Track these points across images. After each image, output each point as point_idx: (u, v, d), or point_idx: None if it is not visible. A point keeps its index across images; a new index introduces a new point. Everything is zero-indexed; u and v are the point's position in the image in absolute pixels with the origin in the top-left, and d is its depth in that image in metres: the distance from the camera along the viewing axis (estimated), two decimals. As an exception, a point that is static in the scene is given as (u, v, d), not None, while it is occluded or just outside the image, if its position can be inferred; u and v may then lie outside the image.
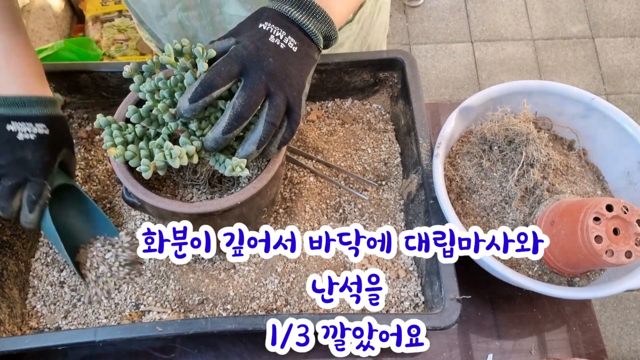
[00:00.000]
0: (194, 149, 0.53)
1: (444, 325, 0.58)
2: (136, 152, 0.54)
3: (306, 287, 0.60)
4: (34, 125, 0.61)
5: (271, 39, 0.52)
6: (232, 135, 0.51)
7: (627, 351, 1.60)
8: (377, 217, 0.74)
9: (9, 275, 0.67)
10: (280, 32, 0.52)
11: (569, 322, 0.71)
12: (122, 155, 0.53)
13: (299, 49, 0.53)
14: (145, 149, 0.54)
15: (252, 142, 0.52)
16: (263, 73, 0.51)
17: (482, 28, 2.23)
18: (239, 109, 0.50)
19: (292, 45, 0.53)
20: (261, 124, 0.51)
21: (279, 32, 0.52)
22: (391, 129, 0.83)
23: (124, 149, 0.54)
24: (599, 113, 0.72)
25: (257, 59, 0.51)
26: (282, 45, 0.52)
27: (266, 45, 0.52)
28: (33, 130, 0.60)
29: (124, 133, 0.55)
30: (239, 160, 0.54)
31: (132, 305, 0.66)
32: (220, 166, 0.56)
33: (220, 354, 0.67)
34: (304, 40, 0.54)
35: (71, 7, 1.98)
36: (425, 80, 2.08)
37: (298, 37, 0.53)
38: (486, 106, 0.71)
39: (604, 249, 0.56)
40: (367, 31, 0.88)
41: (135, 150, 0.54)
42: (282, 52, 0.52)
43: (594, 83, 2.10)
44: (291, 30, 0.53)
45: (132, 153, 0.54)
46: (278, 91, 0.51)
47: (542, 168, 0.68)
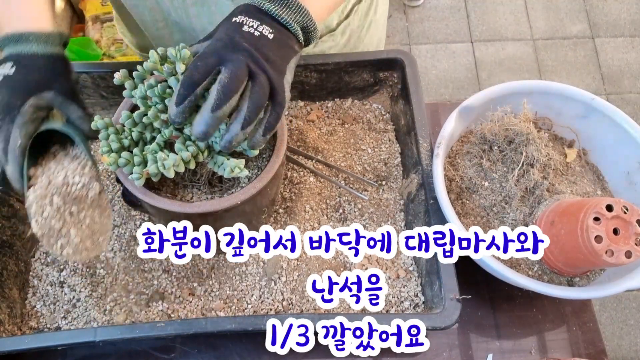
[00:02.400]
0: (190, 155, 0.53)
1: (444, 325, 0.58)
2: (129, 159, 0.54)
3: (306, 287, 0.60)
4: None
5: (245, 29, 0.52)
6: (221, 112, 0.48)
7: (627, 351, 1.60)
8: (377, 217, 0.74)
9: (9, 275, 0.67)
10: (254, 22, 0.52)
11: (569, 322, 0.71)
12: (115, 163, 0.53)
13: (275, 37, 0.52)
14: (138, 156, 0.54)
15: (237, 122, 0.50)
16: (241, 54, 0.50)
17: (482, 28, 2.23)
18: (226, 81, 0.48)
19: (267, 32, 0.52)
20: (245, 103, 0.49)
21: (252, 22, 0.52)
22: (391, 129, 0.83)
23: (116, 157, 0.54)
24: (599, 113, 0.72)
25: (232, 47, 0.50)
26: (257, 33, 0.52)
27: (240, 34, 0.51)
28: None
29: (121, 137, 0.55)
30: (238, 161, 0.54)
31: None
32: (219, 168, 0.56)
33: (220, 354, 0.67)
34: (279, 30, 0.53)
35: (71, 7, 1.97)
36: (425, 80, 2.08)
37: (272, 26, 0.53)
38: (486, 106, 0.71)
39: (604, 249, 0.56)
40: (354, 45, 0.87)
41: (129, 157, 0.54)
42: (256, 38, 0.51)
43: (594, 83, 2.10)
44: (264, 20, 0.53)
45: (125, 160, 0.54)
46: (260, 71, 0.50)
47: (542, 168, 0.68)
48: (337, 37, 0.83)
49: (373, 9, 0.87)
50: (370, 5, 0.85)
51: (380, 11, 0.90)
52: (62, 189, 0.55)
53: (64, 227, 0.55)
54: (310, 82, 0.80)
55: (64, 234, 0.55)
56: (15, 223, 0.69)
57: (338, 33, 0.83)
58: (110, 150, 0.54)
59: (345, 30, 0.84)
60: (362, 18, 0.85)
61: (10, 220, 0.68)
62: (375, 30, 0.91)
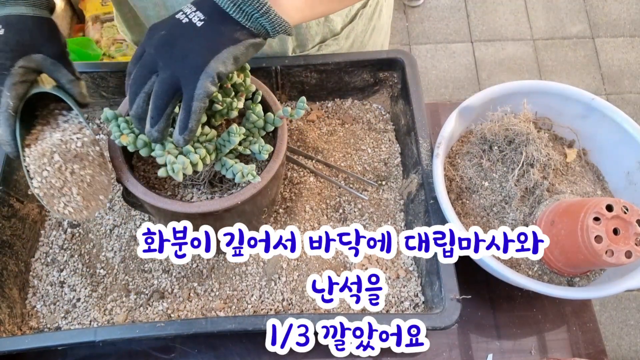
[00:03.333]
0: (198, 158, 0.54)
1: (444, 325, 0.58)
2: (147, 141, 0.55)
3: (306, 287, 0.60)
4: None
5: (177, 15, 0.49)
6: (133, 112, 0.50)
7: (627, 351, 1.60)
8: (377, 217, 0.74)
9: (9, 275, 0.67)
10: (190, 9, 0.49)
11: (569, 322, 0.71)
12: (134, 143, 0.54)
13: (205, 24, 0.48)
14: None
15: (147, 121, 0.50)
16: (152, 47, 0.49)
17: (482, 28, 2.23)
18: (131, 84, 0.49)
19: (197, 20, 0.49)
20: (151, 101, 0.49)
21: (188, 9, 0.49)
22: (391, 129, 0.83)
23: (135, 137, 0.54)
24: (599, 113, 0.72)
25: (151, 34, 0.49)
26: (186, 20, 0.49)
27: (166, 21, 0.50)
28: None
29: (132, 127, 0.56)
30: (250, 167, 0.55)
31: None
32: (227, 171, 0.56)
33: (220, 354, 0.67)
34: (215, 16, 0.49)
35: (71, 7, 1.97)
36: (425, 80, 2.08)
37: (207, 11, 0.49)
38: (486, 106, 0.71)
39: (604, 249, 0.56)
40: (358, 49, 0.87)
41: (147, 139, 0.55)
42: (179, 26, 0.49)
43: (594, 83, 2.10)
44: (202, 6, 0.49)
45: (144, 142, 0.55)
46: (165, 67, 0.48)
47: (542, 168, 0.68)
48: (341, 42, 0.83)
49: (377, 14, 0.87)
50: (374, 10, 0.85)
51: (384, 17, 0.90)
52: (62, 147, 0.55)
53: (65, 186, 0.55)
54: (310, 82, 0.80)
55: (65, 193, 0.55)
56: (15, 223, 0.69)
57: (342, 37, 0.82)
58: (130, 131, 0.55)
59: (349, 35, 0.83)
60: (366, 23, 0.85)
61: (10, 220, 0.68)
62: (378, 36, 0.90)
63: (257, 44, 0.51)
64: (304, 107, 0.58)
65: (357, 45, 0.86)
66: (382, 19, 0.89)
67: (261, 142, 0.59)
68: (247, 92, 0.59)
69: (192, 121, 0.49)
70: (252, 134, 0.60)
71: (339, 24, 0.80)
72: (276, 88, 0.80)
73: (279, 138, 0.61)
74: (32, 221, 0.72)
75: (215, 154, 0.57)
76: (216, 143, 0.57)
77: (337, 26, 0.80)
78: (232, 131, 0.56)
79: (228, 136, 0.56)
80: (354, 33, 0.84)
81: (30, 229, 0.71)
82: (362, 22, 0.84)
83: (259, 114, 0.59)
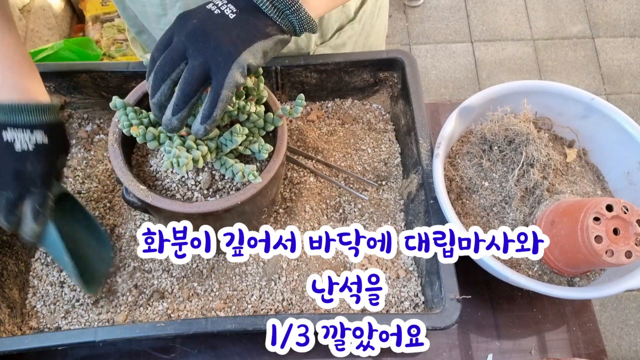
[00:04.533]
0: (200, 154, 0.54)
1: (444, 325, 0.58)
2: (156, 134, 0.55)
3: (306, 287, 0.60)
4: (32, 133, 0.58)
5: (208, 6, 0.49)
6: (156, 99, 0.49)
7: (627, 351, 1.60)
8: (377, 217, 0.74)
9: (9, 275, 0.67)
10: (221, 1, 0.50)
11: (569, 322, 0.71)
12: (143, 135, 0.54)
13: (237, 16, 0.49)
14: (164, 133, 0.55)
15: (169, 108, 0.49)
16: (183, 34, 0.48)
17: (482, 28, 2.23)
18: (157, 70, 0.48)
19: (230, 12, 0.49)
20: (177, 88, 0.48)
21: (219, 1, 0.50)
22: (391, 129, 0.83)
23: (145, 129, 0.54)
24: (599, 113, 0.72)
25: (182, 22, 0.49)
26: (217, 11, 0.49)
27: (196, 11, 0.49)
28: (31, 139, 0.58)
29: (140, 117, 0.56)
30: (251, 167, 0.55)
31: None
32: (228, 170, 0.56)
33: (220, 354, 0.67)
34: (247, 9, 0.49)
35: (71, 7, 1.98)
36: (425, 80, 2.08)
37: (239, 4, 0.49)
38: (486, 106, 0.71)
39: (604, 249, 0.56)
40: (368, 32, 0.88)
41: (156, 132, 0.55)
42: (212, 16, 0.49)
43: (594, 83, 2.10)
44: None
45: (152, 135, 0.55)
46: (196, 54, 0.47)
47: (542, 168, 0.68)
48: (355, 26, 0.83)
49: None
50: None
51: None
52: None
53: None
54: (311, 82, 0.80)
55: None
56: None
57: (356, 21, 0.83)
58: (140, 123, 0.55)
59: (361, 18, 0.84)
60: (374, 4, 0.86)
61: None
62: (383, 16, 0.91)
63: (284, 40, 0.51)
64: (302, 104, 0.58)
65: (367, 28, 0.87)
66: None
67: (261, 141, 0.59)
68: (259, 97, 0.59)
69: (218, 110, 0.48)
70: (252, 133, 0.60)
71: (352, 7, 0.81)
72: (276, 88, 0.80)
73: (279, 138, 0.61)
74: (32, 221, 0.72)
75: (216, 152, 0.57)
76: (217, 142, 0.57)
77: (351, 10, 0.81)
78: (236, 131, 0.56)
79: (230, 135, 0.56)
80: (365, 16, 0.85)
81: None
82: (372, 4, 0.85)
83: (259, 113, 0.59)
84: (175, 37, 0.49)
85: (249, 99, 0.58)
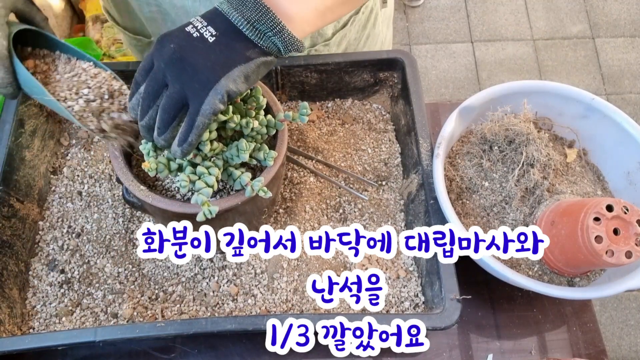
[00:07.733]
0: (214, 179, 0.55)
1: (444, 325, 0.58)
2: (166, 164, 0.56)
3: (306, 287, 0.60)
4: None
5: (187, 28, 0.49)
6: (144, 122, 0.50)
7: (627, 351, 1.60)
8: (377, 217, 0.74)
9: (9, 275, 0.67)
10: (201, 23, 0.49)
11: (569, 322, 0.71)
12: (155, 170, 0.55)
13: (216, 39, 0.48)
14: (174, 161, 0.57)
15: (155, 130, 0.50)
16: (162, 60, 0.48)
17: (482, 28, 2.23)
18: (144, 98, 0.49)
19: (209, 35, 0.48)
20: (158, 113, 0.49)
21: (198, 22, 0.49)
22: (391, 129, 0.83)
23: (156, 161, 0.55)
24: (599, 113, 0.72)
25: (160, 47, 0.48)
26: (197, 34, 0.48)
27: (174, 34, 0.49)
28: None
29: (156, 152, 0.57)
30: (262, 183, 0.55)
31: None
32: (235, 182, 0.57)
33: (220, 354, 0.67)
34: (226, 32, 0.48)
35: (71, 7, 1.98)
36: (425, 80, 2.08)
37: (219, 27, 0.48)
38: (486, 106, 0.71)
39: (604, 249, 0.56)
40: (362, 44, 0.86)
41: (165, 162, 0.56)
42: (190, 40, 0.48)
43: (594, 83, 2.10)
44: (214, 20, 0.49)
45: (163, 165, 0.56)
46: (174, 81, 0.48)
47: (542, 168, 0.68)
48: (332, 48, 0.82)
49: (372, 23, 0.85)
50: (368, 17, 0.84)
51: (380, 26, 0.88)
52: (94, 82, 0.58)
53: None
54: (311, 82, 0.80)
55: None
56: (15, 223, 0.69)
57: (333, 43, 0.81)
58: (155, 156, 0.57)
59: (341, 42, 0.82)
60: (360, 30, 0.84)
61: (10, 220, 0.68)
62: (373, 44, 0.89)
63: (268, 62, 0.50)
64: (307, 112, 0.58)
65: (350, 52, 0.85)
66: (377, 28, 0.87)
67: (265, 149, 0.59)
68: (258, 106, 0.59)
69: (193, 135, 0.49)
70: (255, 140, 0.60)
71: (329, 28, 0.79)
72: (276, 88, 0.80)
73: (279, 139, 0.61)
74: (32, 221, 0.72)
75: (224, 167, 0.58)
76: (224, 156, 0.58)
77: (328, 31, 0.79)
78: (242, 148, 0.56)
79: (237, 152, 0.56)
80: (346, 40, 0.83)
81: (30, 229, 0.71)
82: (355, 29, 0.83)
83: (262, 122, 0.59)
84: (155, 62, 0.49)
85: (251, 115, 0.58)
